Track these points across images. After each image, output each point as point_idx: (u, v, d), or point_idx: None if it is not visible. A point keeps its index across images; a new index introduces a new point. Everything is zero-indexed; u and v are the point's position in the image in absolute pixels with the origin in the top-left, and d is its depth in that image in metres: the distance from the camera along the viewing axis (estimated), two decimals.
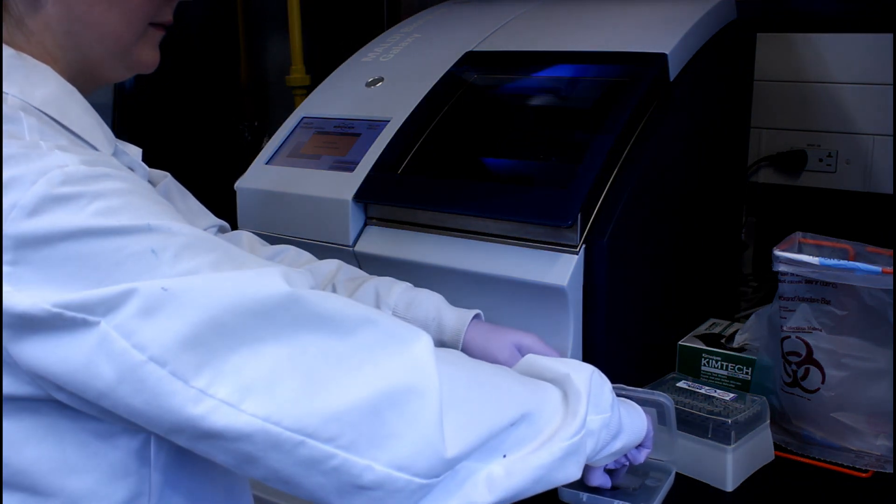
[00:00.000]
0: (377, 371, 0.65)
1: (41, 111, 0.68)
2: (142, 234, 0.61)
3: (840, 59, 1.45)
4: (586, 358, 1.01)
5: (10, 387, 0.63)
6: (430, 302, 1.00)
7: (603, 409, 0.79)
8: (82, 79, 0.74)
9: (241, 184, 1.24)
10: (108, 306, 0.59)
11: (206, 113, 2.01)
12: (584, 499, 0.93)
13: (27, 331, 0.60)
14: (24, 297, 0.59)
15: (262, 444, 0.62)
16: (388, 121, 1.19)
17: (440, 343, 0.97)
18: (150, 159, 0.92)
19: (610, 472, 0.92)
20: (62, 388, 0.62)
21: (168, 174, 1.04)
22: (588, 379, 0.78)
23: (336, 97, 1.31)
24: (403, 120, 1.18)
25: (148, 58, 0.77)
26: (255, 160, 1.26)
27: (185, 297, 0.60)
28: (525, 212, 1.00)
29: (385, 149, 1.15)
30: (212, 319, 0.60)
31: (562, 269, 0.98)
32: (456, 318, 0.98)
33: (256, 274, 0.64)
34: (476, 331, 0.97)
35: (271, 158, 1.25)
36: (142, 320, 0.59)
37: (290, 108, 1.47)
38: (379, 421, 0.64)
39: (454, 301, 1.00)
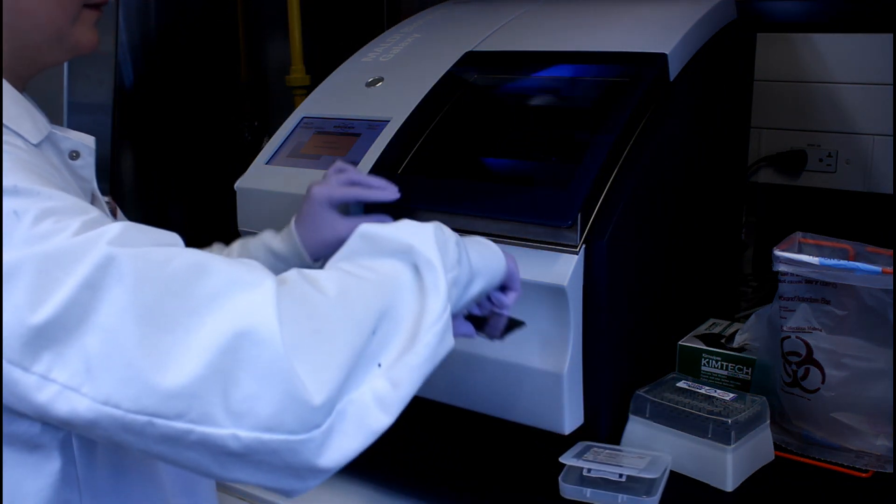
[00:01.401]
0: (213, 328, 0.58)
1: None
2: (7, 196, 0.59)
3: (840, 59, 1.45)
4: (587, 358, 1.02)
5: None
6: (260, 238, 0.99)
7: (452, 265, 0.73)
8: (23, 65, 0.75)
9: (241, 184, 1.24)
10: None
11: (206, 113, 2.01)
12: (588, 494, 0.93)
13: None
14: None
15: (113, 429, 0.57)
16: (388, 121, 1.19)
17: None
18: (150, 159, 0.91)
19: (477, 319, 0.86)
20: None
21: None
22: (434, 243, 0.71)
23: (336, 97, 1.31)
24: (403, 120, 1.18)
25: (86, 39, 0.77)
26: (255, 160, 1.26)
27: (18, 274, 0.56)
28: (525, 212, 1.00)
29: (385, 149, 1.15)
30: (45, 297, 0.56)
31: (562, 269, 0.97)
32: (282, 232, 0.99)
33: (83, 240, 0.58)
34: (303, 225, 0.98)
35: (271, 158, 1.25)
36: None
37: (290, 108, 1.47)
38: (229, 382, 0.57)
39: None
